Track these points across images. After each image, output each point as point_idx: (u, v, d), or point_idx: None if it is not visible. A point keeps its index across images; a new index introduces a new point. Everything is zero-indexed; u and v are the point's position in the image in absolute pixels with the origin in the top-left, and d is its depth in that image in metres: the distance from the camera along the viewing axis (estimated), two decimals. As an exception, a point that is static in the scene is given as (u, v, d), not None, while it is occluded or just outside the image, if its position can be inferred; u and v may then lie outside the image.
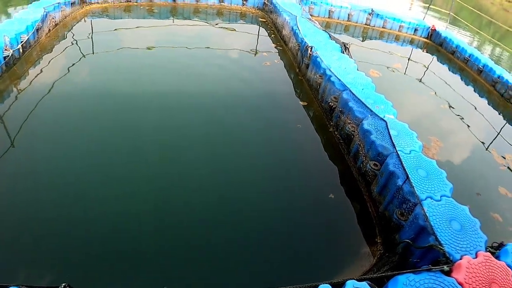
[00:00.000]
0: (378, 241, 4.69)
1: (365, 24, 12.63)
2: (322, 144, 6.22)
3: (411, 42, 13.21)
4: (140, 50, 8.11)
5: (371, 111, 5.75)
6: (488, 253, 4.15)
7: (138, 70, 7.26)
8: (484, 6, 57.67)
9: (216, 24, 10.75)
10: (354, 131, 5.73)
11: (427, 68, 11.73)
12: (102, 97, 6.26)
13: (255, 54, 8.99)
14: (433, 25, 13.20)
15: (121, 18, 10.06)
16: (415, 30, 13.21)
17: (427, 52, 12.81)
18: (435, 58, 12.47)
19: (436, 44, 13.06)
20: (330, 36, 8.74)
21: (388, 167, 4.81)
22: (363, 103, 5.91)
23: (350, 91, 6.22)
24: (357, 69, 7.30)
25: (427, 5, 15.32)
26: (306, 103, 7.11)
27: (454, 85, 11.01)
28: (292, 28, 9.16)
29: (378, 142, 5.16)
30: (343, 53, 7.96)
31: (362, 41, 12.00)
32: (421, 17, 14.21)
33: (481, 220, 6.06)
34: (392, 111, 6.03)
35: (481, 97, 10.97)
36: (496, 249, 4.52)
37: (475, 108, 10.15)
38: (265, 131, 6.17)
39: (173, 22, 10.55)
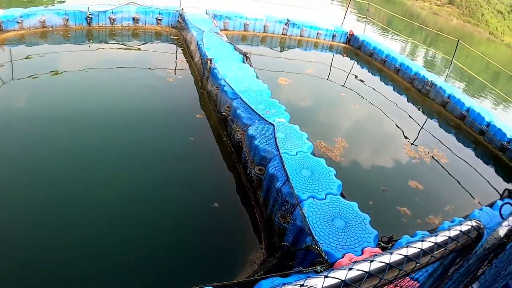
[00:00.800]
0: (263, 246, 4.37)
1: (282, 34, 12.61)
2: (217, 155, 5.88)
3: (331, 48, 13.34)
4: (57, 75, 7.72)
5: (260, 116, 5.48)
6: (377, 249, 3.87)
7: (51, 95, 6.94)
8: (415, 12, 60.87)
9: (131, 45, 10.36)
10: (242, 139, 5.41)
11: (349, 72, 11.81)
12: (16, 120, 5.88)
13: (167, 72, 8.63)
14: (351, 30, 13.40)
15: (38, 45, 9.59)
16: (333, 36, 13.37)
17: (346, 56, 12.96)
18: (354, 62, 12.62)
19: (354, 48, 13.26)
20: (234, 48, 8.52)
21: (268, 170, 4.51)
22: (252, 109, 5.63)
23: (240, 98, 5.95)
24: (256, 77, 7.08)
25: (360, 14, 15.65)
26: (203, 116, 6.77)
27: (374, 86, 11.09)
28: (198, 43, 8.89)
29: (261, 146, 4.86)
30: (244, 62, 7.74)
31: (280, 51, 11.93)
32: (357, 25, 14.41)
33: (388, 215, 5.91)
34: (284, 114, 5.80)
35: (401, 94, 11.09)
36: (387, 244, 4.26)
37: (397, 106, 10.20)
38: (159, 147, 5.82)
39: (90, 46, 10.12)
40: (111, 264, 3.83)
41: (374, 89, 10.93)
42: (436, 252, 1.22)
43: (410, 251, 1.16)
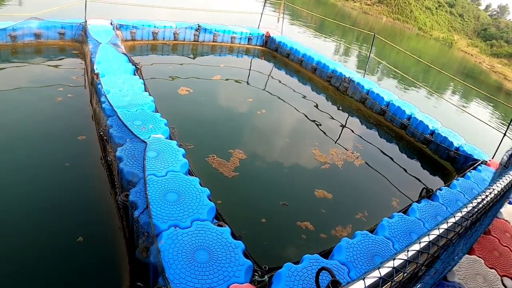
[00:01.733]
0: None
1: (194, 41, 12.11)
2: (92, 181, 5.22)
3: (247, 51, 13.02)
4: None
5: (132, 134, 4.92)
6: (247, 285, 3.38)
7: None
8: (347, 12, 62.65)
9: (31, 62, 9.42)
10: (113, 161, 4.81)
11: (269, 75, 11.48)
12: None
13: (57, 90, 7.80)
14: (267, 32, 13.13)
15: None
16: (249, 39, 13.06)
17: (264, 59, 12.67)
18: (273, 64, 12.35)
19: (271, 50, 13.00)
20: (128, 59, 7.89)
21: (130, 197, 3.93)
22: (125, 127, 5.03)
23: (117, 115, 5.33)
24: (144, 90, 6.51)
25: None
26: (85, 138, 6.07)
27: (293, 87, 10.84)
28: (91, 57, 8.17)
29: (126, 169, 4.32)
30: (135, 74, 7.13)
31: (193, 58, 11.41)
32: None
33: (282, 234, 5.43)
34: (163, 129, 5.30)
35: (319, 94, 10.90)
36: (262, 276, 3.74)
37: (316, 106, 9.95)
38: (29, 175, 5.09)
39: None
40: None
41: (294, 90, 10.69)
42: None
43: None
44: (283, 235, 5.09)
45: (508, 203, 5.36)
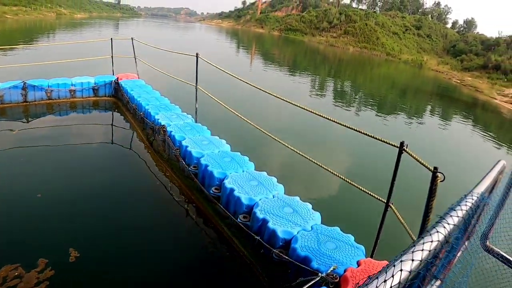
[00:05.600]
0: None
1: (24, 102, 9.57)
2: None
3: (95, 105, 10.61)
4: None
5: None
6: None
7: None
8: (315, 47, 62.05)
9: None
10: None
11: None
12: None
13: None
14: (119, 76, 10.70)
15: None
16: (95, 89, 10.70)
17: (117, 111, 10.16)
18: (122, 118, 9.78)
19: (118, 99, 10.41)
20: None
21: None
22: None
23: None
24: None
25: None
26: None
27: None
28: None
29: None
30: None
31: (27, 122, 8.85)
32: None
33: None
34: None
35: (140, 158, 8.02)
36: None
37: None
38: None
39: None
40: None
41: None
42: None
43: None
44: None
45: None
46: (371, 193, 3.88)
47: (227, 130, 8.00)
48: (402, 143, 3.35)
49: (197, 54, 6.83)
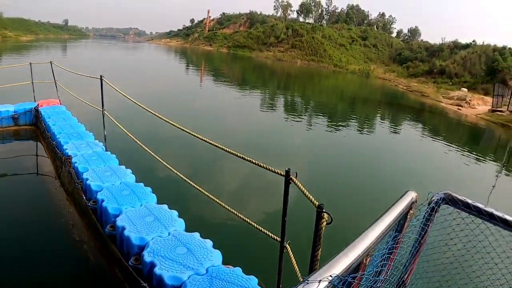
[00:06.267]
0: None
1: None
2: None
3: (16, 135, 9.69)
4: None
5: None
6: None
7: None
8: (262, 62, 62.49)
9: None
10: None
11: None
12: None
13: None
14: (40, 103, 9.90)
15: None
16: (14, 118, 9.81)
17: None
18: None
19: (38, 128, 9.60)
20: None
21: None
22: None
23: None
24: None
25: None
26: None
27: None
28: None
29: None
30: None
31: None
32: None
33: None
34: None
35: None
36: None
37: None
38: None
39: None
40: None
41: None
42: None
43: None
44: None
45: None
46: (267, 232, 3.43)
47: (138, 158, 7.40)
48: (288, 172, 2.75)
49: (101, 76, 6.29)
